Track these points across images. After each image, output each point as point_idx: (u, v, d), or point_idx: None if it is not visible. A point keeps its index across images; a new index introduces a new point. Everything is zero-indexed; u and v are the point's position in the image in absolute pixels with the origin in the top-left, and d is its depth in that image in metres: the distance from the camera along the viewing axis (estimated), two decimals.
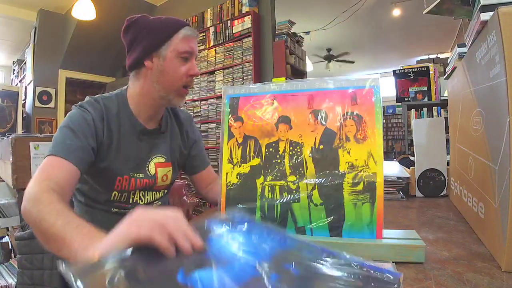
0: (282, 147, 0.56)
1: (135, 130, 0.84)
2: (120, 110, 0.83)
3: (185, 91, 0.84)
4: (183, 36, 0.81)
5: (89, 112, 0.77)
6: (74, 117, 0.76)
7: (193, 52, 0.83)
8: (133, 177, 0.83)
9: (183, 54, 0.80)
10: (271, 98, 0.59)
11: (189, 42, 0.81)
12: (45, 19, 4.70)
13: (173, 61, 0.80)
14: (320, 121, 0.55)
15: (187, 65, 0.82)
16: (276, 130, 0.57)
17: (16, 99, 4.39)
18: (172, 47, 0.80)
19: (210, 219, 0.46)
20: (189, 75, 0.82)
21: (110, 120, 0.80)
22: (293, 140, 0.56)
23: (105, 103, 0.81)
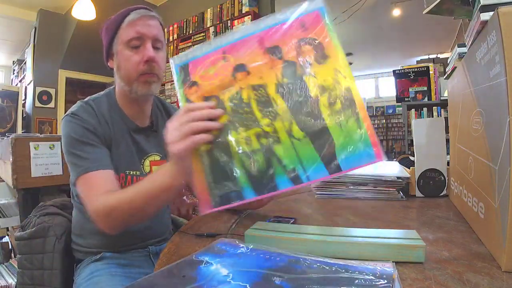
0: (246, 95, 0.53)
1: (128, 129, 0.83)
2: (111, 110, 0.82)
3: (146, 77, 0.78)
4: (127, 23, 0.76)
5: (84, 119, 0.76)
6: (75, 128, 0.74)
7: (142, 36, 0.76)
8: (129, 175, 0.82)
9: (131, 42, 0.76)
10: (221, 52, 0.55)
11: (134, 26, 0.76)
12: (45, 19, 4.70)
13: (124, 53, 0.77)
14: (276, 56, 0.52)
15: (139, 52, 0.76)
16: (234, 81, 0.53)
17: (16, 99, 4.39)
18: (119, 40, 0.77)
19: (198, 253, 0.45)
20: (143, 62, 0.76)
21: (104, 120, 0.80)
22: (254, 84, 0.52)
23: (97, 105, 0.81)
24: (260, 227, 0.55)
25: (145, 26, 0.76)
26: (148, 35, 0.77)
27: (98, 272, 0.75)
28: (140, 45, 0.76)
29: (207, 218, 0.77)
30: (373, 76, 9.68)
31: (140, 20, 0.76)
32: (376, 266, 0.35)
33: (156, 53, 0.78)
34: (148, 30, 0.77)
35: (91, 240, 0.81)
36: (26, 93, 4.93)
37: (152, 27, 0.77)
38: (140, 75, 0.77)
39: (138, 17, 0.76)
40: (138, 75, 0.77)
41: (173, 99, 4.17)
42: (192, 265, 0.40)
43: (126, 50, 0.76)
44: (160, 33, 0.80)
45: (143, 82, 0.78)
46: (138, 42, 0.76)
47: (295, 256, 0.40)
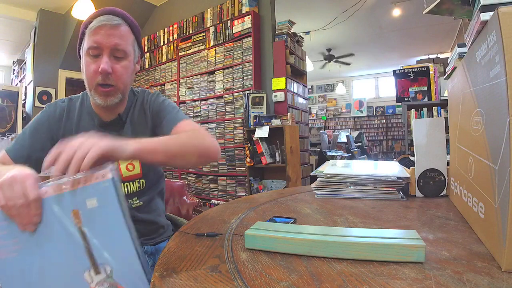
0: None
1: (93, 123, 0.85)
2: (82, 107, 0.87)
3: (100, 90, 0.78)
4: (88, 31, 0.77)
5: (47, 112, 0.85)
6: (33, 119, 0.85)
7: (99, 46, 0.75)
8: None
9: (90, 51, 0.76)
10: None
11: (92, 36, 0.75)
12: (45, 19, 4.70)
13: (85, 60, 0.79)
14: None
15: (97, 62, 0.76)
16: None
17: (16, 99, 4.40)
18: (83, 46, 0.79)
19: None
20: (99, 73, 0.76)
21: (71, 116, 0.85)
22: None
23: (70, 103, 0.87)
24: (260, 227, 0.55)
25: (104, 36, 0.75)
26: (106, 45, 0.76)
27: None
28: (98, 54, 0.77)
29: (207, 218, 0.77)
30: (373, 76, 9.68)
31: (100, 29, 0.75)
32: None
33: (116, 64, 0.78)
34: (106, 40, 0.75)
35: None
36: (26, 93, 4.93)
37: (112, 37, 0.76)
38: (97, 85, 0.78)
39: (97, 25, 0.75)
40: (95, 85, 0.78)
41: (173, 99, 4.18)
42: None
43: (87, 57, 0.78)
44: (122, 42, 0.78)
45: (99, 93, 0.79)
46: (97, 52, 0.76)
47: None
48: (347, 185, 0.90)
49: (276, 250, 0.50)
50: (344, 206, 0.80)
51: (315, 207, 0.81)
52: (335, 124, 10.04)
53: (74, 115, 0.86)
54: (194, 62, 3.98)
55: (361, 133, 7.93)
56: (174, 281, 0.43)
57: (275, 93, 3.38)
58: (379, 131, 9.52)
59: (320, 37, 5.94)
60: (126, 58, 0.80)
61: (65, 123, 0.85)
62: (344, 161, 1.19)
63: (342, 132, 7.01)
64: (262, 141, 3.14)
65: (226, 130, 3.61)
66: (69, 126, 0.85)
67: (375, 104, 9.66)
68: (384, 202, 0.83)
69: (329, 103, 10.24)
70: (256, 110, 3.30)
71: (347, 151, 5.73)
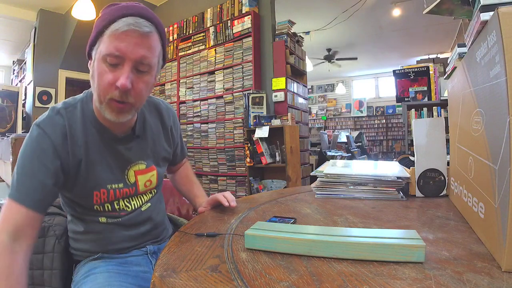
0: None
1: (104, 139, 0.73)
2: (85, 118, 0.72)
3: (115, 104, 0.65)
4: (110, 32, 0.63)
5: (47, 135, 0.67)
6: (30, 146, 0.66)
7: (120, 55, 0.63)
8: (112, 189, 0.75)
9: (109, 58, 0.63)
10: None
11: (115, 40, 0.62)
12: (45, 19, 4.70)
13: (100, 65, 0.65)
14: None
15: (116, 72, 0.63)
16: None
17: (16, 99, 4.40)
18: (98, 48, 0.65)
19: None
20: (115, 87, 0.63)
21: (75, 135, 0.70)
22: None
23: (69, 115, 0.71)
24: (260, 227, 0.55)
25: (130, 45, 0.62)
26: (130, 56, 0.63)
27: (96, 270, 0.74)
28: (118, 64, 0.63)
29: (207, 218, 0.77)
30: (373, 76, 9.68)
31: (126, 35, 0.62)
32: None
33: (137, 78, 0.66)
34: (132, 50, 0.63)
35: (86, 245, 0.80)
36: (26, 93, 4.93)
37: (139, 47, 0.63)
38: (110, 99, 0.65)
39: (124, 29, 0.62)
40: (108, 98, 0.65)
41: (173, 99, 4.18)
42: None
43: (102, 64, 0.64)
44: (149, 54, 0.66)
45: (111, 108, 0.66)
46: (116, 61, 0.63)
47: None
48: (347, 185, 0.90)
49: (276, 250, 0.50)
50: (344, 206, 0.80)
51: (315, 207, 0.81)
52: (335, 124, 10.04)
53: (78, 132, 0.71)
54: (194, 62, 3.98)
55: (361, 133, 7.93)
56: (174, 281, 0.43)
57: (275, 93, 3.38)
58: (379, 131, 9.52)
59: (320, 37, 5.94)
60: (149, 72, 0.68)
61: (71, 145, 0.70)
62: (344, 161, 1.19)
63: (342, 132, 7.01)
64: (262, 141, 3.14)
65: (226, 130, 3.61)
66: (76, 148, 0.70)
67: (375, 104, 9.66)
68: (384, 202, 0.83)
69: (329, 103, 10.24)
70: (256, 110, 3.30)
71: (347, 151, 5.73)
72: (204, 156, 3.81)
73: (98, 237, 0.79)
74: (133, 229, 0.81)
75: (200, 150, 3.85)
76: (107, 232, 0.78)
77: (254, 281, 0.41)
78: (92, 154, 0.72)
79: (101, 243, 0.79)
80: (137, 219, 0.80)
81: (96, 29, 0.66)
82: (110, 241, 0.79)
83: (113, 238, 0.79)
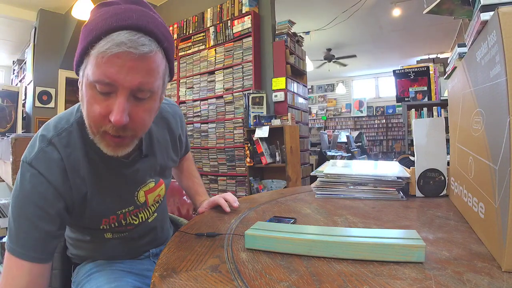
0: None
1: (110, 165, 0.64)
2: (86, 144, 0.61)
3: (111, 139, 0.54)
4: (100, 54, 0.48)
5: (43, 176, 0.56)
6: (24, 190, 0.55)
7: (114, 84, 0.49)
8: (122, 213, 0.70)
9: (98, 86, 0.50)
10: None
11: (105, 65, 0.48)
12: (45, 19, 4.70)
13: (88, 92, 0.52)
14: None
15: (107, 102, 0.51)
16: None
17: (16, 99, 4.39)
18: (86, 69, 0.51)
19: None
20: (108, 119, 0.51)
21: (75, 165, 0.60)
22: None
23: (63, 143, 0.59)
24: (260, 227, 0.55)
25: (123, 70, 0.48)
26: (124, 85, 0.49)
27: (98, 268, 0.73)
28: (110, 92, 0.51)
29: (207, 218, 0.77)
30: (373, 76, 9.68)
31: (118, 57, 0.48)
32: None
33: (136, 107, 0.53)
34: (125, 77, 0.49)
35: (86, 252, 0.78)
36: (26, 93, 4.93)
37: (134, 72, 0.49)
38: (104, 132, 0.54)
39: (115, 52, 0.47)
40: (102, 131, 0.54)
41: (173, 99, 4.18)
42: None
43: (90, 91, 0.51)
44: (149, 79, 0.51)
45: (107, 142, 0.55)
46: (108, 89, 0.50)
47: None
48: (347, 185, 0.90)
49: (276, 250, 0.50)
50: (344, 206, 0.80)
51: (315, 207, 0.81)
52: (335, 124, 10.04)
53: (79, 162, 0.60)
54: (194, 62, 3.98)
55: (361, 133, 7.93)
56: (174, 281, 0.43)
57: (275, 93, 3.38)
58: (379, 131, 9.52)
59: (320, 37, 5.94)
60: (152, 97, 0.55)
61: (73, 179, 0.59)
62: (344, 161, 1.19)
63: (342, 132, 7.01)
64: (262, 141, 3.14)
65: (226, 130, 3.61)
66: (79, 181, 0.60)
67: (375, 104, 9.66)
68: (384, 202, 0.83)
69: (329, 103, 10.24)
70: (256, 110, 3.30)
71: (347, 151, 5.72)
72: (204, 156, 3.81)
73: (101, 250, 0.76)
74: (138, 241, 0.79)
75: (200, 150, 3.85)
76: (111, 245, 0.75)
77: (254, 281, 0.41)
78: (98, 184, 0.63)
79: (103, 253, 0.77)
80: (144, 230, 0.78)
81: (81, 44, 0.52)
82: (113, 253, 0.77)
83: (117, 251, 0.77)
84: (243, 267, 0.46)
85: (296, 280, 0.41)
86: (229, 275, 0.43)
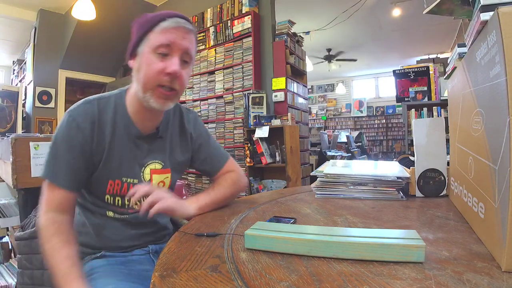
0: None
1: (130, 135, 0.79)
2: (116, 113, 0.78)
3: (162, 92, 0.73)
4: (161, 29, 0.72)
5: (77, 122, 0.73)
6: (60, 132, 0.74)
7: (171, 45, 0.72)
8: (126, 182, 0.79)
9: (159, 49, 0.71)
10: None
11: (166, 33, 0.72)
12: (45, 19, 4.70)
13: (148, 57, 0.72)
14: None
15: (165, 61, 0.72)
16: None
17: (16, 99, 4.39)
18: (148, 42, 0.73)
19: None
20: (165, 73, 0.71)
21: (103, 124, 0.76)
22: None
23: (100, 106, 0.77)
24: (260, 227, 0.55)
25: (179, 37, 0.73)
26: (179, 47, 0.73)
27: (99, 269, 0.75)
28: (167, 54, 0.72)
29: (207, 218, 0.77)
30: (373, 76, 9.68)
31: (176, 29, 0.73)
32: None
33: (182, 68, 0.74)
34: (181, 41, 0.73)
35: (89, 239, 0.81)
36: (26, 93, 4.93)
37: (185, 40, 0.74)
38: (158, 85, 0.73)
39: (174, 25, 0.72)
40: (156, 85, 0.73)
41: None
42: None
43: (152, 55, 0.72)
44: (192, 47, 0.76)
45: (157, 95, 0.74)
46: (166, 50, 0.72)
47: None
48: (347, 185, 0.90)
49: (276, 250, 0.50)
50: (344, 206, 0.80)
51: (315, 207, 0.81)
52: (335, 124, 10.04)
53: (107, 122, 0.77)
54: None
55: (361, 133, 7.93)
56: (174, 281, 0.43)
57: (275, 93, 3.38)
58: (379, 131, 9.52)
59: (320, 37, 5.94)
60: (190, 63, 0.77)
61: (98, 133, 0.76)
62: (344, 161, 1.19)
63: (342, 132, 7.00)
64: (262, 141, 3.14)
65: (226, 130, 3.61)
66: (102, 137, 0.76)
67: (375, 104, 9.66)
68: (384, 202, 0.83)
69: (329, 103, 10.24)
70: (256, 110, 3.30)
71: (347, 151, 5.73)
72: None
73: (102, 232, 0.81)
74: (137, 229, 0.82)
75: None
76: (112, 228, 0.81)
77: (254, 281, 0.41)
78: (116, 146, 0.77)
79: (104, 238, 0.80)
80: (143, 219, 0.80)
81: (142, 29, 0.74)
82: (113, 238, 0.81)
83: (117, 235, 0.81)
84: (243, 267, 0.46)
85: (296, 280, 0.41)
86: (229, 275, 0.43)
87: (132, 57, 0.78)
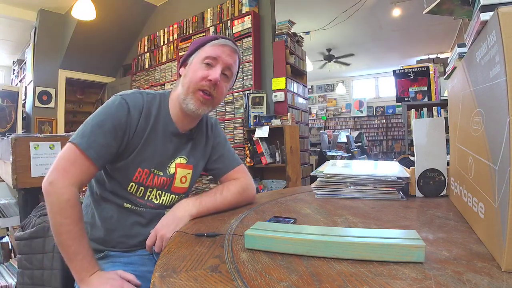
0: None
1: (168, 131, 0.87)
2: (160, 110, 0.87)
3: (201, 95, 0.83)
4: (211, 44, 0.85)
5: (127, 103, 0.80)
6: (109, 109, 0.79)
7: (217, 58, 0.84)
8: (153, 173, 0.85)
9: (206, 59, 0.83)
10: None
11: (215, 48, 0.84)
12: (45, 19, 4.70)
13: (196, 65, 0.84)
14: None
15: (209, 71, 0.83)
16: None
17: (16, 99, 4.39)
18: (198, 54, 0.85)
19: None
20: (207, 79, 0.82)
21: (147, 116, 0.84)
22: None
23: (149, 99, 0.85)
24: (260, 227, 0.55)
25: (225, 54, 0.84)
26: (223, 61, 0.84)
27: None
28: (212, 65, 0.83)
29: (207, 218, 0.77)
30: (373, 76, 9.68)
31: (223, 46, 0.85)
32: None
33: (223, 80, 0.85)
34: (225, 56, 0.84)
35: (99, 232, 0.83)
36: (26, 93, 4.93)
37: (229, 57, 0.85)
38: (198, 89, 0.82)
39: (222, 43, 0.85)
40: (197, 89, 0.82)
41: None
42: None
43: (199, 64, 0.84)
44: (234, 65, 0.87)
45: (197, 98, 0.83)
46: (212, 62, 0.83)
47: None
48: (347, 185, 0.90)
49: (276, 250, 0.50)
50: (344, 206, 0.80)
51: (315, 207, 0.81)
52: (335, 124, 10.04)
53: (150, 118, 0.85)
54: None
55: (361, 133, 7.93)
56: (174, 281, 0.43)
57: (275, 93, 3.38)
58: (379, 131, 9.52)
59: (320, 37, 5.94)
60: (230, 79, 0.88)
61: (141, 123, 0.83)
62: (344, 161, 1.19)
63: (342, 132, 7.00)
64: (262, 141, 3.14)
65: (226, 130, 3.61)
66: (144, 126, 0.83)
67: (375, 104, 9.65)
68: (384, 202, 0.83)
69: (329, 103, 10.24)
70: (256, 110, 3.30)
71: (347, 151, 5.72)
72: None
73: (112, 226, 0.83)
74: (148, 226, 0.83)
75: None
76: (123, 221, 0.83)
77: (254, 281, 0.41)
78: (153, 138, 0.84)
79: (113, 233, 0.82)
80: (156, 218, 0.80)
81: (197, 44, 0.88)
82: (122, 233, 0.83)
83: (126, 230, 0.83)
84: (243, 267, 0.46)
85: (296, 280, 0.41)
86: (229, 275, 0.43)
87: (183, 65, 0.90)
